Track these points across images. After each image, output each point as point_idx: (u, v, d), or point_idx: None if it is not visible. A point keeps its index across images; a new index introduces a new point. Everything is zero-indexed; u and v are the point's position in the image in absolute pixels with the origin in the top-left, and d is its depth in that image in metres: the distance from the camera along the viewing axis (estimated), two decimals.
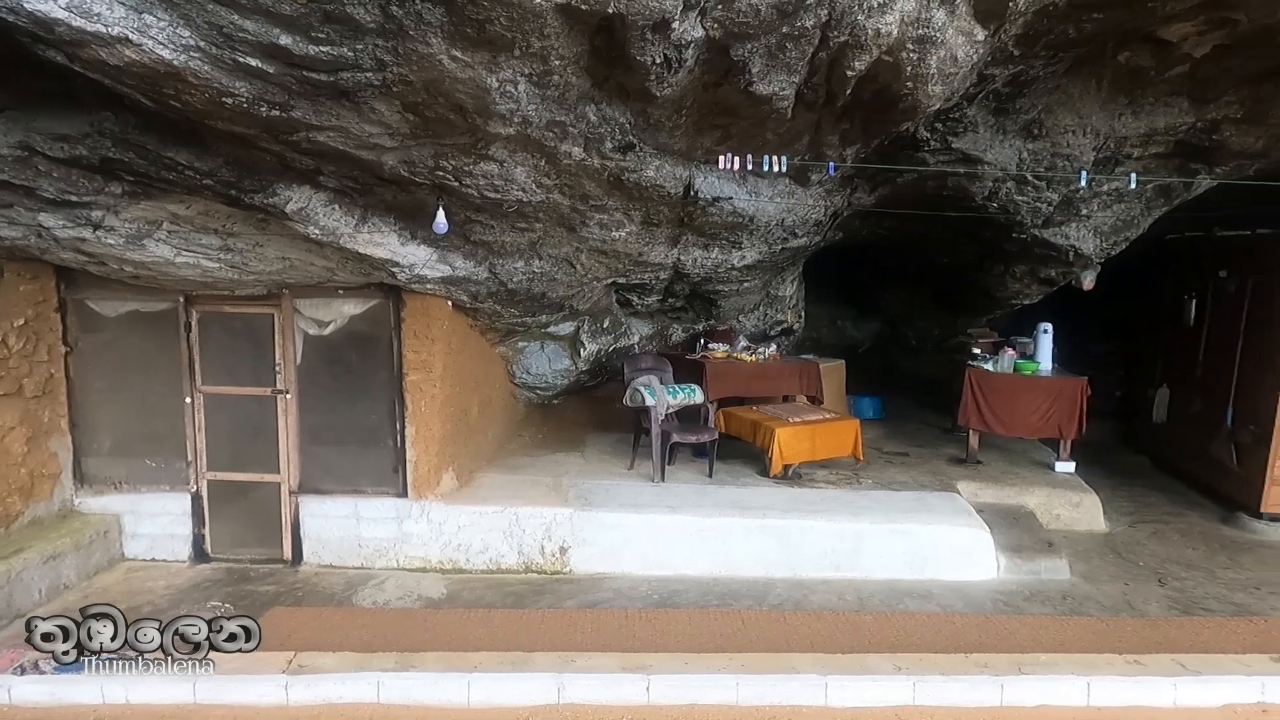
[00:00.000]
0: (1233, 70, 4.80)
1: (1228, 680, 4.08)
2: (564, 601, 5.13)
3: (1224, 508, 6.90)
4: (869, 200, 6.09)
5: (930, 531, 5.62)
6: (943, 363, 9.06)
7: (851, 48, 3.47)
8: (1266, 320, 6.54)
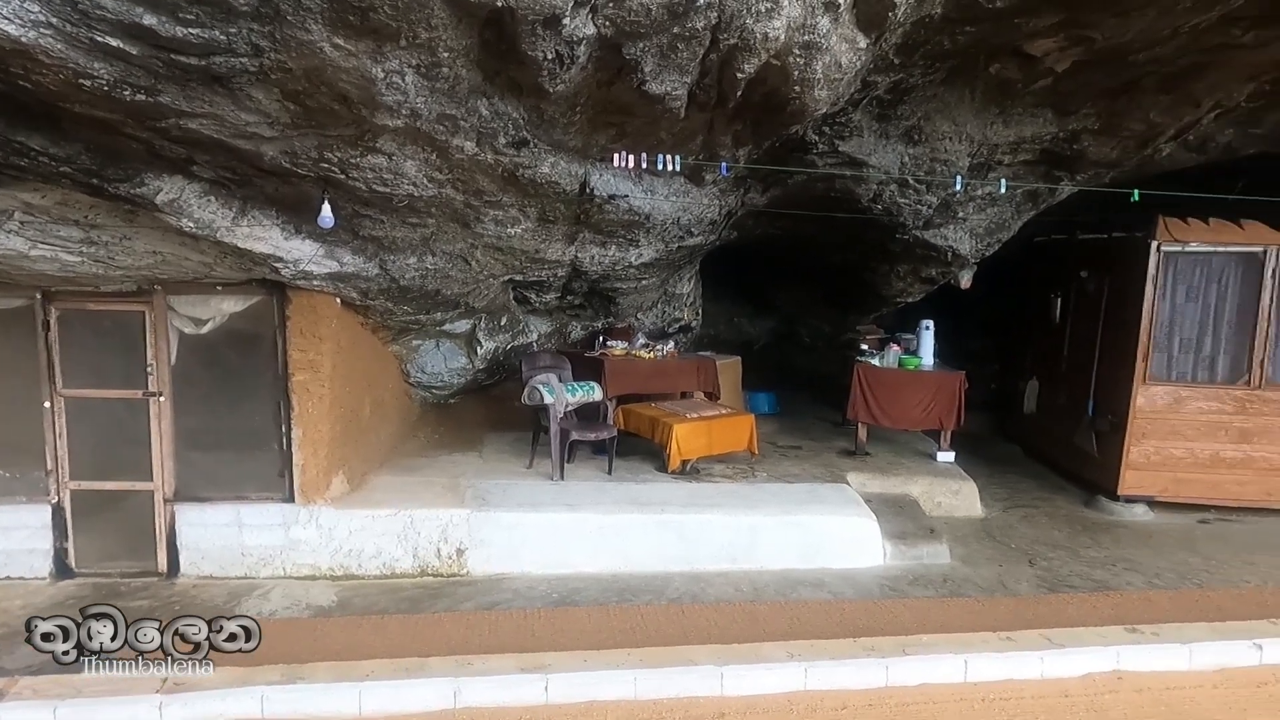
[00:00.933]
0: (1090, 85, 5.17)
1: (1087, 651, 4.39)
2: (461, 604, 5.04)
3: (1086, 492, 7.41)
4: (762, 200, 6.24)
5: (822, 522, 5.82)
6: (834, 359, 9.39)
7: (741, 50, 3.55)
8: (1122, 318, 7.07)
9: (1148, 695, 4.17)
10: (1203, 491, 6.97)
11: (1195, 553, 6.15)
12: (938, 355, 8.02)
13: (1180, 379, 6.93)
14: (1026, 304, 9.02)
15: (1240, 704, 4.12)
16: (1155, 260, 6.71)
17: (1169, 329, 6.86)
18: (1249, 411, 6.85)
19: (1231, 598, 5.29)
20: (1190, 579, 5.65)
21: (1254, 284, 6.72)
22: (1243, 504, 6.97)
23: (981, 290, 8.16)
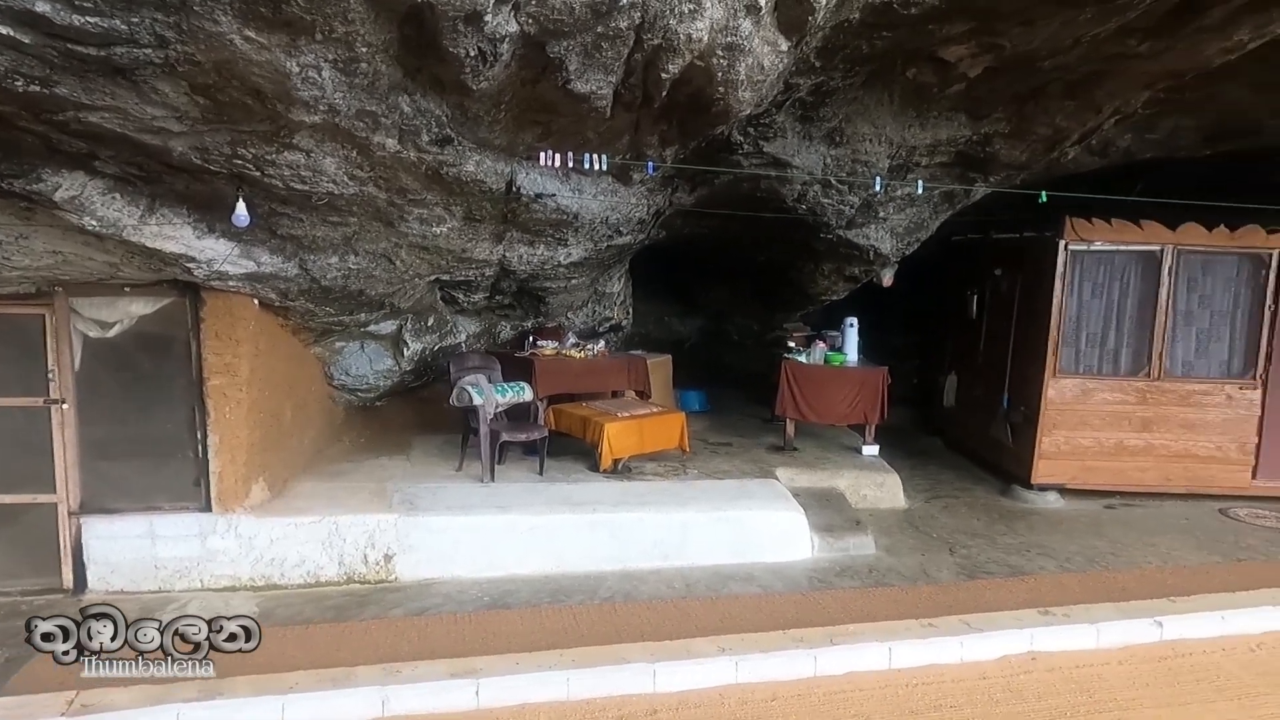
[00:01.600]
0: (1001, 90, 5.37)
1: (1004, 634, 4.57)
2: (390, 611, 4.94)
3: (1003, 481, 7.72)
4: (689, 200, 6.29)
5: (752, 517, 5.91)
6: (763, 356, 9.53)
7: (665, 51, 3.57)
8: (1033, 314, 7.38)
9: (1059, 674, 4.37)
10: (1108, 478, 7.34)
11: (1102, 537, 6.46)
12: (862, 352, 8.22)
13: (1087, 372, 7.27)
14: (945, 301, 9.33)
15: (1143, 678, 4.35)
16: (1063, 259, 7.03)
17: (1076, 324, 7.20)
18: (1149, 402, 7.24)
19: (1135, 578, 5.58)
20: (1098, 562, 5.93)
21: (1152, 280, 7.10)
22: (1144, 489, 7.37)
23: (903, 288, 8.41)
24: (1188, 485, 7.33)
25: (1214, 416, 7.26)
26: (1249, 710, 4.04)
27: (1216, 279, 7.18)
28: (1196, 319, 7.23)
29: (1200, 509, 7.18)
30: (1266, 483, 7.30)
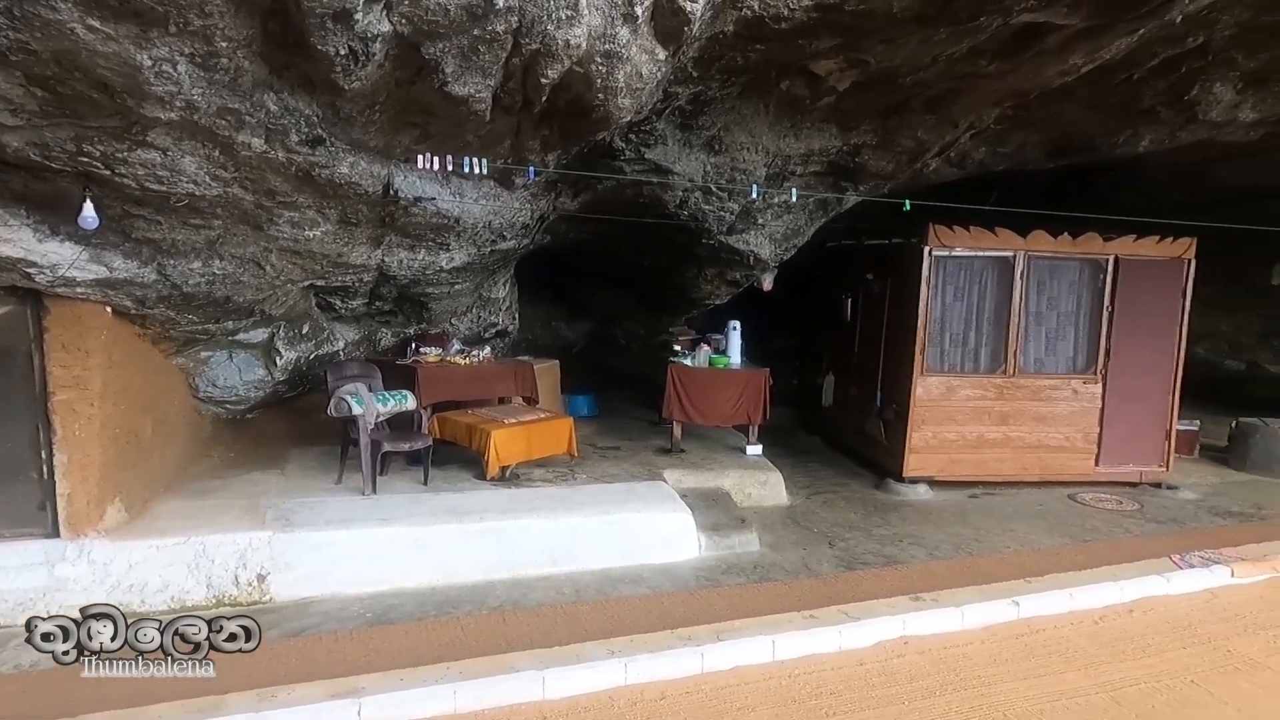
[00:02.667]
0: (868, 104, 5.65)
1: (878, 621, 4.80)
2: (265, 634, 4.69)
3: (877, 476, 8.10)
4: (573, 205, 6.31)
5: (640, 519, 5.96)
6: (650, 359, 9.65)
7: (544, 56, 3.57)
8: (902, 316, 7.79)
9: (928, 655, 4.62)
10: (972, 470, 7.82)
11: (967, 525, 6.88)
12: (745, 354, 8.46)
13: (951, 370, 7.73)
14: (823, 305, 9.72)
15: (1003, 655, 4.66)
16: (928, 264, 7.45)
17: (941, 325, 7.64)
18: (1006, 397, 7.77)
19: (995, 562, 5.97)
20: (963, 548, 6.31)
21: (1007, 284, 7.63)
22: (1003, 479, 7.89)
23: (783, 292, 8.71)
24: (1041, 474, 7.91)
25: (1062, 409, 7.87)
26: (1093, 677, 4.40)
27: (1062, 282, 7.78)
28: (1045, 319, 7.82)
29: (1052, 495, 7.76)
30: (1107, 469, 7.97)
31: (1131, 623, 5.11)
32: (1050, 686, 4.31)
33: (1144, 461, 8.03)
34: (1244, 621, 5.07)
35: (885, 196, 6.68)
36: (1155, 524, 6.99)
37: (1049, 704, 4.13)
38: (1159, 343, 7.90)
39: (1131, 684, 4.33)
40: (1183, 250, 7.79)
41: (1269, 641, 4.74)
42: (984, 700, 4.16)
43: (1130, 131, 6.56)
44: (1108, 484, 7.97)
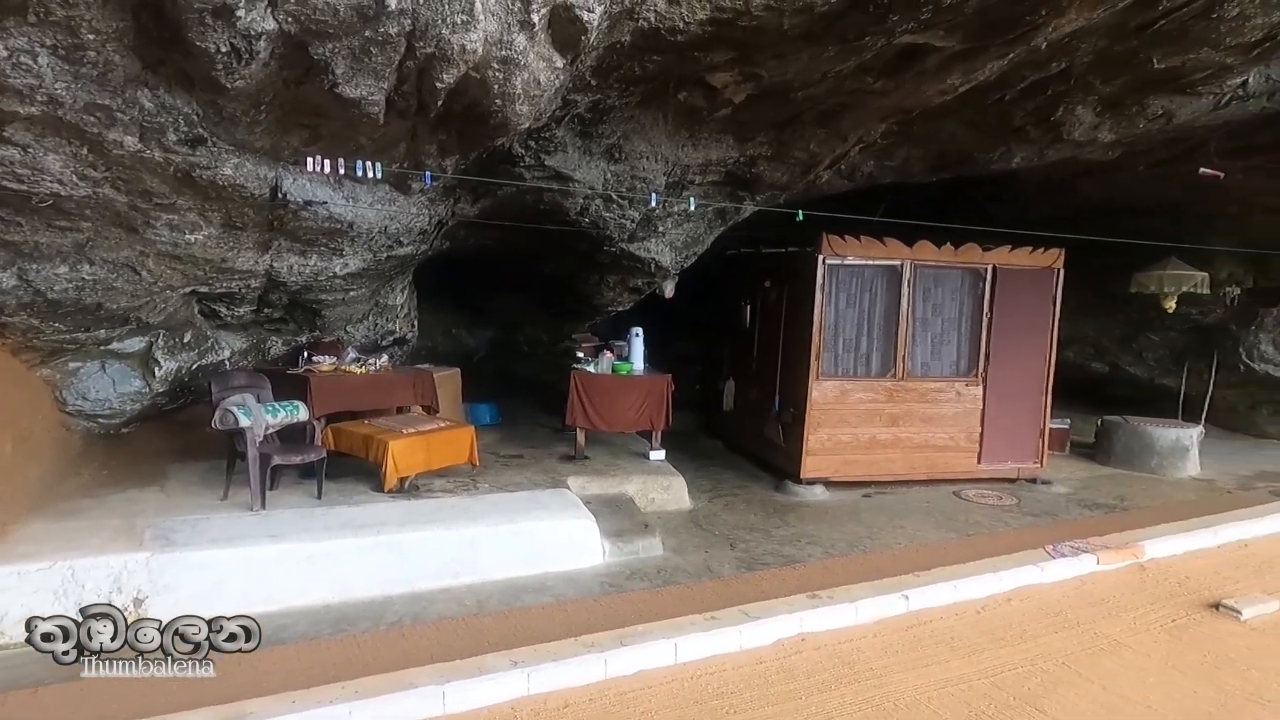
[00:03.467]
0: (763, 116, 5.81)
1: (777, 620, 4.92)
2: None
3: (776, 478, 8.29)
4: (473, 211, 6.23)
5: (544, 527, 5.92)
6: (553, 366, 9.62)
7: (439, 60, 3.52)
8: (798, 322, 8.03)
9: (825, 651, 4.77)
10: (865, 470, 8.13)
11: (860, 523, 7.14)
12: (648, 360, 8.54)
13: (845, 374, 8.02)
14: (723, 311, 9.90)
15: (894, 647, 4.85)
16: (822, 272, 7.70)
17: (835, 331, 7.91)
18: (896, 400, 8.12)
19: (887, 558, 6.22)
20: (857, 546, 6.55)
21: (895, 292, 7.98)
22: (894, 478, 8.23)
23: (684, 298, 8.85)
24: (928, 472, 8.30)
25: (947, 411, 8.28)
26: (975, 664, 4.63)
27: (946, 290, 8.20)
28: (931, 325, 8.22)
29: (938, 493, 8.14)
30: (989, 466, 8.43)
31: (1010, 610, 5.42)
32: (937, 675, 4.52)
33: (1021, 458, 8.53)
34: (1109, 605, 5.45)
35: (781, 206, 6.88)
36: (1031, 517, 7.44)
37: (935, 692, 4.33)
38: (1033, 347, 8.43)
39: (1010, 668, 4.58)
40: (1053, 260, 8.34)
41: (1130, 623, 5.12)
42: (876, 691, 4.33)
43: (1004, 148, 6.99)
44: (989, 480, 8.43)
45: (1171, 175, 8.03)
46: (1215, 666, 3.95)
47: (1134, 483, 8.87)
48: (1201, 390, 10.87)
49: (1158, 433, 9.38)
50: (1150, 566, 5.87)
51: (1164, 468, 9.22)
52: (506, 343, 10.51)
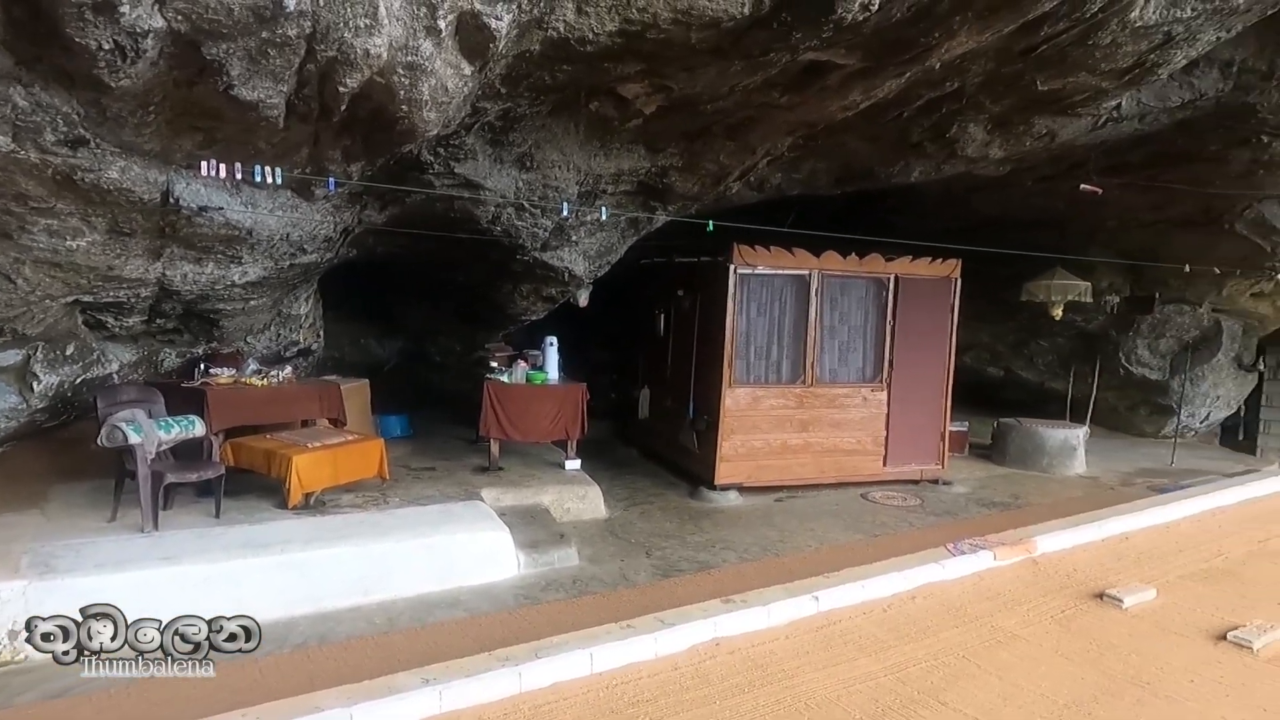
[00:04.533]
0: (673, 127, 5.89)
1: (692, 625, 4.94)
2: (16, 699, 4.13)
3: (691, 484, 8.37)
4: (381, 218, 6.08)
5: (456, 541, 5.81)
6: (466, 376, 9.47)
7: (342, 64, 3.43)
8: (711, 331, 8.15)
9: (738, 655, 4.82)
10: (777, 475, 8.30)
11: (773, 527, 7.28)
12: (563, 369, 8.51)
13: (757, 381, 8.18)
14: (637, 320, 9.97)
15: (805, 648, 4.95)
16: (733, 281, 7.85)
17: (747, 339, 8.07)
18: (805, 405, 8.33)
19: (798, 561, 6.36)
20: (770, 550, 6.67)
21: (804, 300, 8.20)
22: (805, 482, 8.43)
23: (600, 307, 8.85)
24: (837, 476, 8.53)
25: (854, 415, 8.55)
26: (882, 661, 4.77)
27: (851, 299, 8.48)
28: (838, 333, 8.47)
29: (847, 495, 8.38)
30: (894, 469, 8.73)
31: (914, 608, 5.61)
32: (846, 673, 4.63)
33: (924, 460, 8.87)
34: (1004, 599, 5.71)
35: (692, 217, 6.98)
36: (934, 516, 7.75)
37: (845, 690, 4.44)
38: (933, 353, 8.79)
39: (914, 664, 4.74)
40: (950, 271, 8.73)
41: (1023, 615, 5.37)
42: (788, 692, 4.41)
43: (903, 163, 7.29)
44: (894, 482, 8.73)
45: (1056, 191, 8.52)
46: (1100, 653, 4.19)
47: (1027, 481, 9.35)
48: (1086, 393, 11.56)
49: (1048, 433, 9.92)
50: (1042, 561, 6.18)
51: (1054, 466, 9.75)
52: (418, 353, 10.29)
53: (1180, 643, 3.66)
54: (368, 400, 8.38)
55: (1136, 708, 3.00)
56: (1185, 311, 10.80)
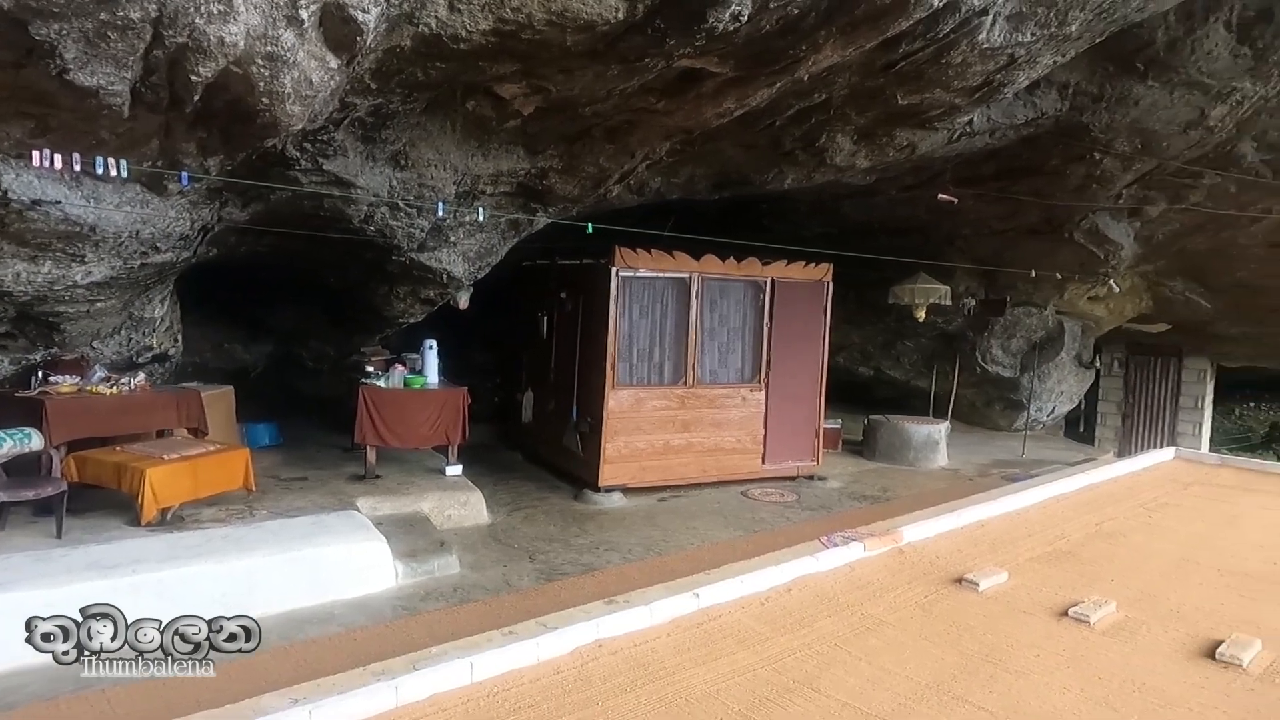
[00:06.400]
0: (553, 129, 5.87)
1: (574, 628, 4.91)
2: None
3: (576, 487, 8.37)
4: (243, 216, 5.76)
5: (328, 553, 5.57)
6: (341, 382, 9.11)
7: (193, 52, 3.23)
8: (594, 333, 8.17)
9: (621, 655, 4.84)
10: (660, 475, 8.41)
11: (656, 527, 7.37)
12: (443, 373, 8.32)
13: (640, 383, 8.26)
14: (520, 322, 9.88)
15: (685, 645, 5.01)
16: (615, 283, 7.90)
17: (629, 341, 8.14)
18: (687, 406, 8.48)
19: (681, 559, 6.46)
20: (653, 549, 6.74)
21: (685, 303, 8.35)
22: (688, 482, 8.58)
23: (482, 309, 8.71)
24: (718, 474, 8.72)
25: (734, 415, 8.77)
26: (759, 653, 4.89)
27: (730, 301, 8.69)
28: (718, 334, 8.67)
29: (728, 493, 8.59)
30: (772, 466, 9.01)
31: (790, 600, 5.80)
32: (725, 667, 4.73)
33: (800, 457, 9.20)
34: (873, 588, 5.98)
35: (573, 219, 6.97)
36: (809, 511, 8.05)
37: (724, 683, 4.53)
38: (808, 353, 9.14)
39: (790, 654, 4.89)
40: (823, 274, 9.10)
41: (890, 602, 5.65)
42: (669, 689, 4.46)
43: (776, 170, 7.54)
44: (772, 479, 9.01)
45: (918, 199, 9.03)
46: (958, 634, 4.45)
47: (895, 475, 9.86)
48: (948, 390, 12.31)
49: (913, 429, 10.49)
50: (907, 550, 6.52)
51: (919, 460, 10.33)
52: (289, 357, 9.81)
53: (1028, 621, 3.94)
54: (232, 408, 7.94)
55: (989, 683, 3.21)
56: (1033, 314, 11.68)
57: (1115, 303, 11.86)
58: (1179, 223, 9.60)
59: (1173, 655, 3.32)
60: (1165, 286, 11.46)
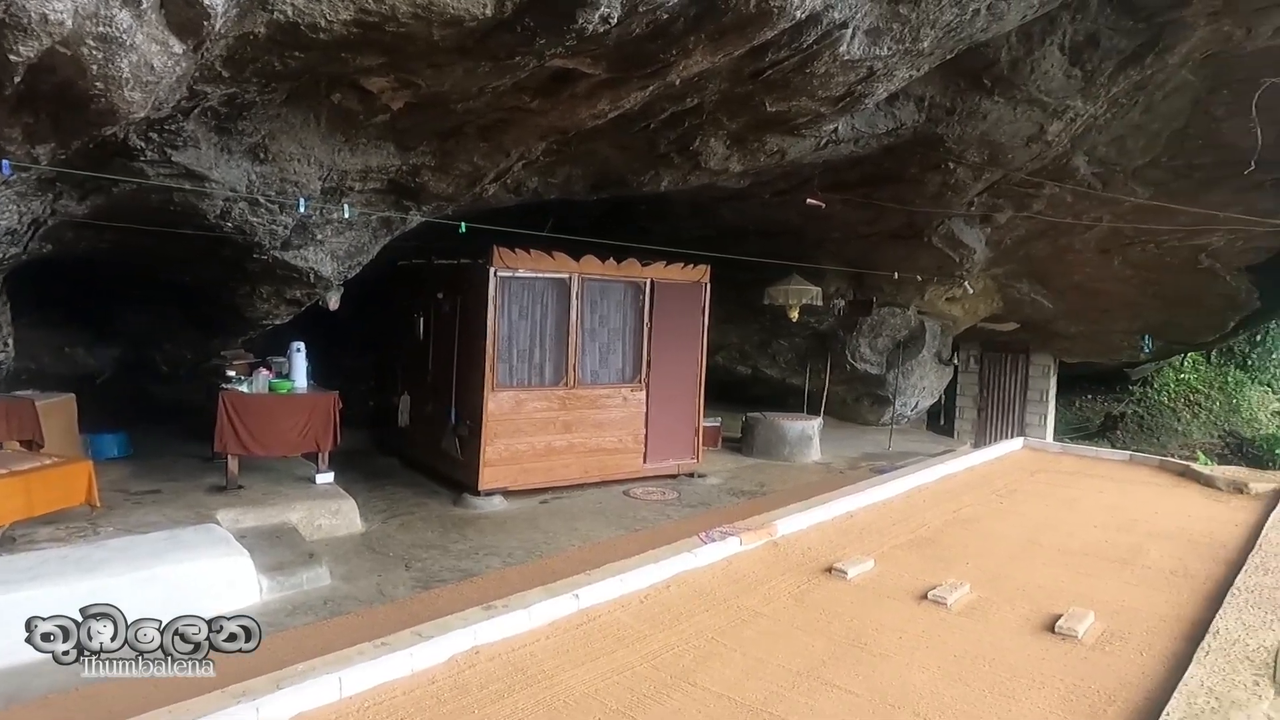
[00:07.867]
0: (424, 125, 5.72)
1: (451, 636, 4.81)
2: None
3: (455, 492, 8.20)
4: (80, 209, 5.33)
5: (184, 570, 5.22)
6: (200, 388, 8.58)
7: (12, 29, 2.96)
8: (472, 334, 8.03)
9: (499, 660, 4.76)
10: (542, 477, 8.36)
11: (538, 530, 7.32)
12: (313, 376, 7.97)
13: (520, 384, 8.19)
14: (396, 323, 9.59)
15: (564, 647, 4.98)
16: (494, 284, 7.80)
17: (509, 342, 8.05)
18: (568, 407, 8.47)
19: (562, 561, 6.42)
20: (535, 552, 6.69)
21: (565, 303, 8.33)
22: (570, 483, 8.57)
23: (354, 310, 8.39)
24: (600, 474, 8.76)
25: (616, 415, 8.82)
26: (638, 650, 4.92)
27: (610, 302, 8.74)
28: (599, 335, 8.71)
29: (610, 493, 8.63)
30: (653, 465, 9.13)
31: (669, 596, 5.87)
32: (604, 666, 4.74)
33: (680, 455, 9.36)
34: (749, 581, 6.14)
35: (448, 218, 6.83)
36: (690, 508, 8.19)
37: (603, 682, 4.54)
38: (688, 353, 9.31)
39: (668, 650, 4.95)
40: (701, 276, 9.29)
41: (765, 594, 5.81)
42: (548, 692, 4.42)
43: (653, 172, 7.63)
44: (654, 478, 9.12)
45: (790, 203, 9.35)
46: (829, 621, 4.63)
47: (772, 470, 10.18)
48: (820, 387, 12.82)
49: (788, 426, 10.87)
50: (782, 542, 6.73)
51: (794, 455, 10.71)
52: (140, 362, 9.14)
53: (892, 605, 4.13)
54: (74, 418, 7.34)
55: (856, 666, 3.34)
56: (897, 314, 12.33)
57: (970, 303, 12.70)
58: (1024, 229, 10.37)
59: (1019, 631, 3.57)
60: (1014, 288, 12.37)
